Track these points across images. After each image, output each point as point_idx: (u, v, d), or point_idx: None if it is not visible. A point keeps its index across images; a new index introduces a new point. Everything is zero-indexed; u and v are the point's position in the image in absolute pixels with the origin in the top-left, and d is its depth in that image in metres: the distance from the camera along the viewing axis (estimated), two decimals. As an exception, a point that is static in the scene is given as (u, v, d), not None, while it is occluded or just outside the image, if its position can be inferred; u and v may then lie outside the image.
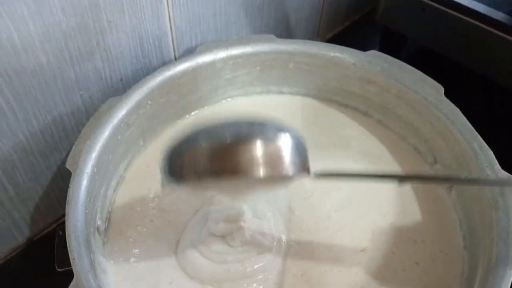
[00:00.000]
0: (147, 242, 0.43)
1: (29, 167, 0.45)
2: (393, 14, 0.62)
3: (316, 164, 0.35)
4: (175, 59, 0.52)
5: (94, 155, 0.41)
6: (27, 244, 0.49)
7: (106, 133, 0.43)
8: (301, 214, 0.45)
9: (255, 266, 0.41)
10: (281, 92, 0.56)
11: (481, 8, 0.54)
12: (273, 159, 0.33)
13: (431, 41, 0.60)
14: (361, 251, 0.42)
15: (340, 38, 0.73)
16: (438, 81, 0.48)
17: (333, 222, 0.44)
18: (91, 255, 0.36)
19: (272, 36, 0.52)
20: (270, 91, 0.56)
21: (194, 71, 0.50)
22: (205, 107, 0.54)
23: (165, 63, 0.51)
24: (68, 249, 0.35)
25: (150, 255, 0.42)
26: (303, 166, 0.34)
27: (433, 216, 0.45)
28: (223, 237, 0.42)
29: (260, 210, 0.44)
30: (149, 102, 0.47)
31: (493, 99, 0.60)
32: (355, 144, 0.51)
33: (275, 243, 0.42)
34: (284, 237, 0.43)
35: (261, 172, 0.32)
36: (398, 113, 0.51)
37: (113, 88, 0.48)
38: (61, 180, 0.48)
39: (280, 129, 0.34)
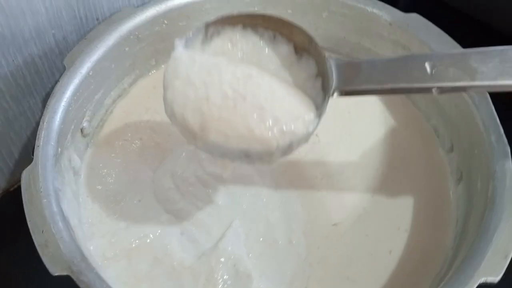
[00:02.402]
0: (130, 157, 0.43)
1: (1, 112, 0.43)
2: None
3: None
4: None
5: (93, 58, 0.41)
6: (3, 195, 0.48)
7: (111, 40, 0.43)
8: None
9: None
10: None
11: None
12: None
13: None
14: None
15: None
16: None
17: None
18: (59, 149, 0.37)
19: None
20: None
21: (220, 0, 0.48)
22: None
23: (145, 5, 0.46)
24: (37, 136, 0.36)
25: (128, 169, 0.42)
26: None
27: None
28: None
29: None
30: (165, 22, 0.46)
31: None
32: (374, 116, 0.48)
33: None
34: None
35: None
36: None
37: (88, 28, 0.45)
38: (36, 127, 0.42)
39: None
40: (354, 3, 0.48)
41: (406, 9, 0.47)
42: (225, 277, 0.37)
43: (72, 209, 0.36)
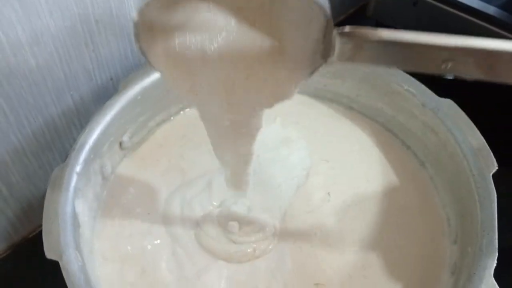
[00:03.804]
0: (155, 175, 0.48)
1: (22, 168, 0.46)
2: (385, 8, 0.63)
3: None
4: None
5: (144, 85, 0.47)
6: (22, 243, 0.51)
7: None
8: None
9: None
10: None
11: (473, 2, 0.54)
12: None
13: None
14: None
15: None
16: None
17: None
18: (92, 155, 0.43)
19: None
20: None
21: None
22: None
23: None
24: (75, 142, 0.42)
25: (150, 185, 0.47)
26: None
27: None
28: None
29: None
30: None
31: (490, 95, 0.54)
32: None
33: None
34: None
35: None
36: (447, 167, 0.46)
37: (103, 87, 0.49)
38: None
39: None
40: (392, 79, 0.49)
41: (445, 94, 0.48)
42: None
43: (88, 209, 0.42)
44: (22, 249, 0.50)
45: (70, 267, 0.35)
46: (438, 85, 0.48)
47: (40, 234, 0.36)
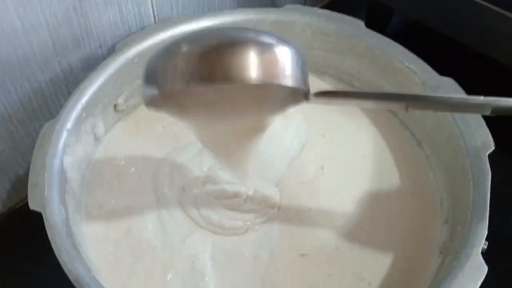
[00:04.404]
0: (149, 138, 0.48)
1: (8, 135, 0.45)
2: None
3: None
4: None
5: (141, 48, 0.47)
6: (9, 213, 0.50)
7: (163, 37, 0.48)
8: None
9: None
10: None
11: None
12: (271, 66, 0.28)
13: (419, 13, 0.57)
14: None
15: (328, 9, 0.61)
16: (427, 56, 0.47)
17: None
18: (84, 114, 0.43)
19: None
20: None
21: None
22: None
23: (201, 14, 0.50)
24: (68, 99, 0.42)
25: (143, 147, 0.47)
26: (303, 82, 0.30)
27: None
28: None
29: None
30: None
31: (488, 75, 0.58)
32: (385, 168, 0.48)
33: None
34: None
35: (256, 76, 0.27)
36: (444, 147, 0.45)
37: (92, 55, 0.48)
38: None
39: (279, 38, 0.30)
40: (394, 55, 0.48)
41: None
42: (180, 269, 0.40)
43: (77, 167, 0.42)
44: (8, 219, 0.49)
45: (53, 219, 0.35)
46: (439, 63, 0.47)
47: (26, 204, 0.36)
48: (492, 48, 0.52)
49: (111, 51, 0.48)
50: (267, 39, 0.29)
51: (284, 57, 0.29)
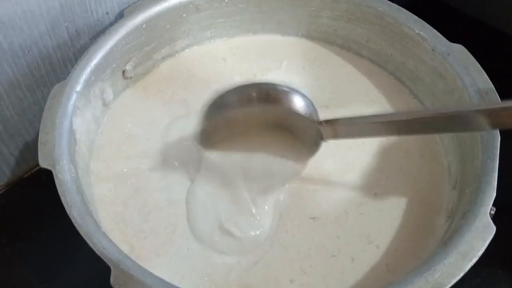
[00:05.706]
0: (157, 104, 0.48)
1: (17, 101, 0.45)
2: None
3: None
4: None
5: (149, 14, 0.47)
6: (17, 182, 0.50)
7: (171, 4, 0.48)
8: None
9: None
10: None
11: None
12: (294, 102, 0.40)
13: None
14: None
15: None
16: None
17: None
18: (93, 77, 0.43)
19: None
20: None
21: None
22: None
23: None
24: (77, 62, 0.43)
25: (152, 114, 0.47)
26: (316, 117, 0.40)
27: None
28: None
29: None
30: (225, 1, 0.51)
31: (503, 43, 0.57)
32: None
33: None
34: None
35: (284, 106, 0.39)
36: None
37: (99, 21, 0.48)
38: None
39: (293, 90, 0.40)
40: (404, 22, 0.48)
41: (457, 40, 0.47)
42: (186, 228, 0.40)
43: (86, 130, 0.43)
44: (16, 188, 0.50)
45: (63, 176, 0.35)
46: (449, 30, 0.47)
47: (36, 173, 0.36)
48: (499, 19, 0.52)
49: (118, 18, 0.48)
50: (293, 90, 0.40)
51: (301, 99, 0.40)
